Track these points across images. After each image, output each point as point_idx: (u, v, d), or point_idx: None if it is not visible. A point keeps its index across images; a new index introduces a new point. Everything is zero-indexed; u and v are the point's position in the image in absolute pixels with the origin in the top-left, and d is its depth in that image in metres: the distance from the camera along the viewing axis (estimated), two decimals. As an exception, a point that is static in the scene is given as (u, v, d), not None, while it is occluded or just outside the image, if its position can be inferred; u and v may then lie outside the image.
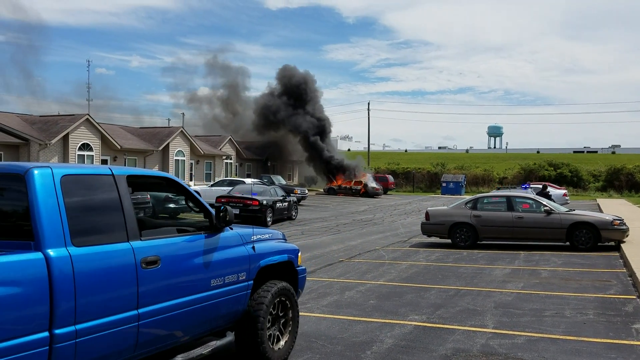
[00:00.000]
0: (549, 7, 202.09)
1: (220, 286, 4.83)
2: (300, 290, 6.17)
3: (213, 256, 4.80)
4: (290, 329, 5.64)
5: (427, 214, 15.73)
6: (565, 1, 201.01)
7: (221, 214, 4.91)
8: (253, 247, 5.31)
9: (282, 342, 5.51)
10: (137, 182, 4.71)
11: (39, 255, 3.45)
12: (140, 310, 4.00)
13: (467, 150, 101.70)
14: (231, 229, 5.23)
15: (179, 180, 5.00)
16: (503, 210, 14.94)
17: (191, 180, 38.61)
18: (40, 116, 32.59)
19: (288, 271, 5.96)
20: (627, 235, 14.22)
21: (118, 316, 3.84)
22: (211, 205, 5.09)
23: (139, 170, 4.75)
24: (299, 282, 6.10)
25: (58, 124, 29.22)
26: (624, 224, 14.27)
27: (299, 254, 6.16)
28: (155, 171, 5.28)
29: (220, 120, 57.45)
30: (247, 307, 5.20)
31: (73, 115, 31.42)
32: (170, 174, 5.06)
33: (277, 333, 5.48)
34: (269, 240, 5.76)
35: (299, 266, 6.10)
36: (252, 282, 5.24)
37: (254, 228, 5.64)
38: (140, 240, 4.16)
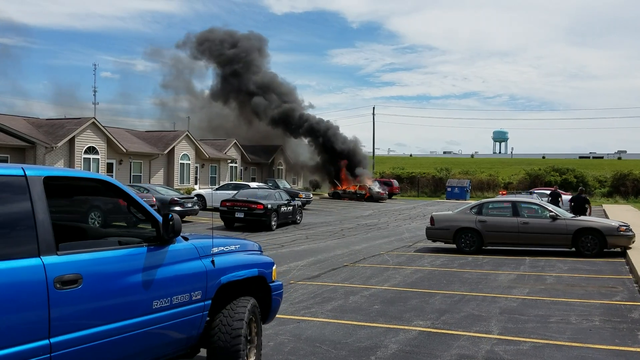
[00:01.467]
0: (555, 13, 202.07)
1: (166, 308, 4.14)
2: (275, 305, 5.57)
3: (157, 273, 4.11)
4: (256, 344, 5.14)
5: (431, 219, 15.70)
6: (571, 8, 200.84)
7: (170, 222, 4.22)
8: (212, 261, 4.64)
9: None
10: (64, 185, 4.06)
11: None
12: (53, 340, 3.30)
13: (472, 155, 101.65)
14: (186, 239, 4.63)
15: (117, 183, 4.28)
16: (508, 216, 14.90)
17: (196, 183, 38.68)
18: (47, 119, 32.74)
19: (260, 287, 5.36)
20: (633, 242, 14.15)
21: (21, 347, 3.13)
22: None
23: (62, 171, 3.99)
24: (273, 300, 5.47)
25: (64, 127, 29.34)
26: (630, 230, 14.21)
27: (274, 268, 5.54)
28: (85, 172, 4.45)
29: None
30: (215, 337, 4.58)
31: (79, 118, 31.54)
32: (108, 176, 4.33)
33: (247, 352, 4.95)
34: (235, 252, 5.11)
35: (273, 281, 5.47)
36: (210, 301, 4.59)
37: (216, 238, 5.04)
38: (57, 254, 3.45)
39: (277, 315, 7.59)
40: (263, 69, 52.57)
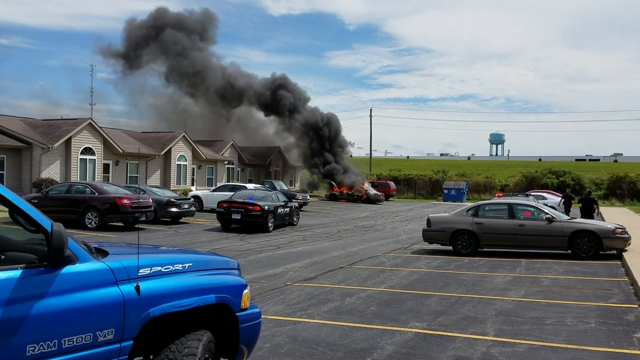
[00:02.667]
0: (553, 15, 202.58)
1: (51, 354, 3.06)
2: (246, 340, 4.37)
3: (35, 306, 3.03)
4: None
5: (428, 221, 15.71)
6: (568, 10, 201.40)
7: (50, 235, 3.13)
8: (137, 287, 3.51)
9: None
10: None
11: None
12: None
13: (468, 158, 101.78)
14: (105, 254, 3.71)
15: None
16: (504, 218, 14.93)
17: (193, 185, 38.65)
18: (43, 120, 32.69)
19: (226, 317, 4.24)
20: (629, 244, 14.20)
21: None
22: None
23: None
24: (242, 333, 4.28)
25: (61, 128, 29.31)
26: (626, 233, 14.25)
27: (246, 292, 4.36)
28: None
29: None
30: None
31: (76, 119, 31.53)
32: None
33: None
34: (182, 273, 3.94)
35: (243, 310, 4.30)
36: (130, 342, 3.47)
37: (153, 254, 4.10)
38: None
39: (273, 317, 7.62)
40: (202, 51, 49.83)
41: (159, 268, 3.82)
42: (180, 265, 3.99)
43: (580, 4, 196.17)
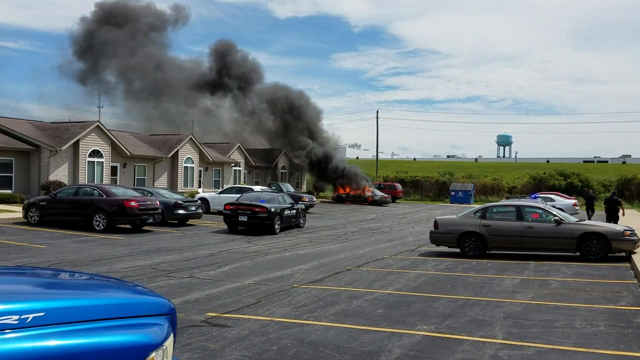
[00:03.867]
0: (559, 17, 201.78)
1: None
2: None
3: None
4: None
5: (435, 223, 15.67)
6: (574, 12, 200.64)
7: None
8: None
9: None
10: None
11: None
12: None
13: (476, 159, 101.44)
14: None
15: None
16: (512, 220, 14.86)
17: (200, 187, 38.74)
18: (52, 123, 32.86)
19: None
20: (638, 246, 14.10)
21: None
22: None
23: None
24: None
25: (69, 131, 29.46)
26: (635, 235, 14.15)
27: (151, 357, 2.69)
28: None
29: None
30: None
31: (84, 122, 31.66)
32: None
33: None
34: (13, 330, 2.33)
35: None
36: None
37: None
38: None
39: (280, 319, 7.61)
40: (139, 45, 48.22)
41: None
42: (16, 317, 2.36)
43: (584, 7, 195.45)
